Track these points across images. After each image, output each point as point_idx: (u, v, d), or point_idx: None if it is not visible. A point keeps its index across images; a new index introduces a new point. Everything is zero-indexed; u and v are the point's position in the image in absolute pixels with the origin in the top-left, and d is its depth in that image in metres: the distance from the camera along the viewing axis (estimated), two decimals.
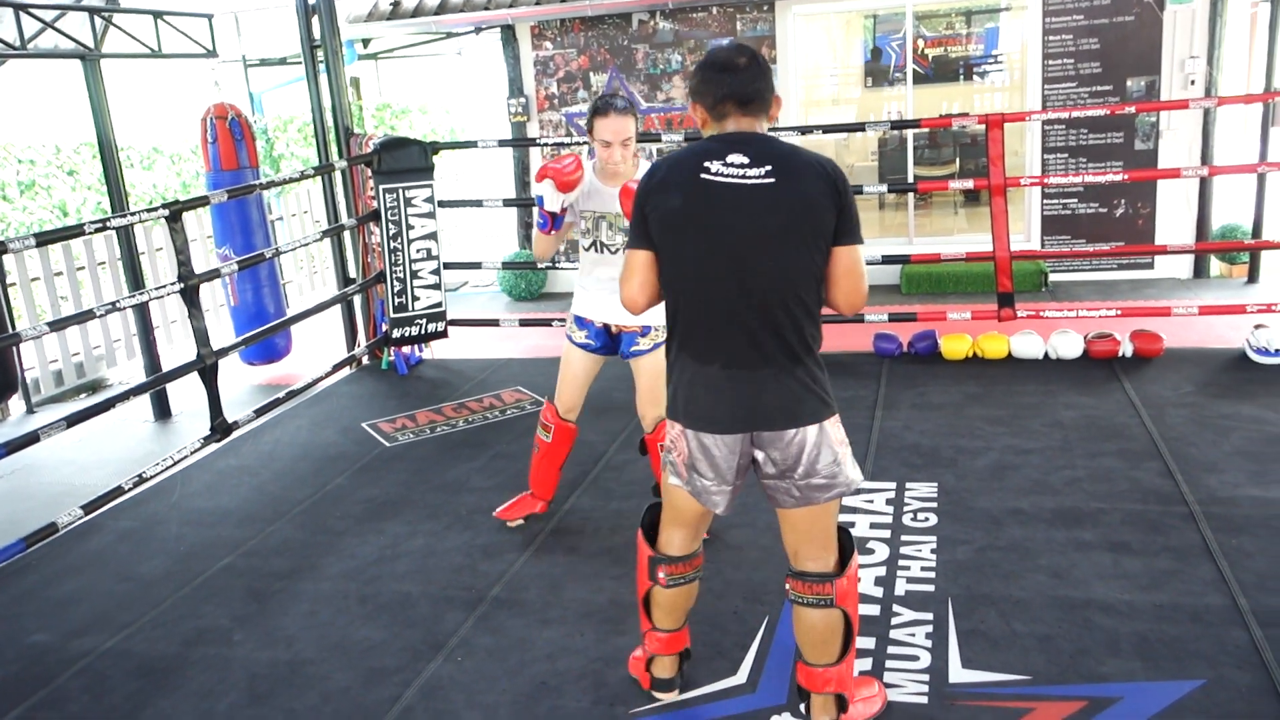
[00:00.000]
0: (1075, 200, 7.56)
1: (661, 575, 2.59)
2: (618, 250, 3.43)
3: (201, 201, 4.89)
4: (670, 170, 2.31)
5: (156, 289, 4.61)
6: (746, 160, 2.23)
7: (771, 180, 2.21)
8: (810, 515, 2.39)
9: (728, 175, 2.22)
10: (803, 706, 2.58)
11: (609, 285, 3.40)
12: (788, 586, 2.48)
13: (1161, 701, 2.60)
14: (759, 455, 2.35)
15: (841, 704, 2.54)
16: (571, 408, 3.69)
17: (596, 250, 3.47)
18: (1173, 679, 2.68)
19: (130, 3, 6.25)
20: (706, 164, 2.24)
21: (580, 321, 3.57)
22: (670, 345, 2.41)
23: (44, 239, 3.99)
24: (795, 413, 2.29)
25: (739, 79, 2.27)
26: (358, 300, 6.41)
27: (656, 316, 3.20)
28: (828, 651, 2.48)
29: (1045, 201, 7.60)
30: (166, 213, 4.51)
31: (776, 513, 2.46)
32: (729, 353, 2.29)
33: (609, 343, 3.56)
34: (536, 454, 3.77)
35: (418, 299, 6.04)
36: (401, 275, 5.96)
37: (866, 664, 2.83)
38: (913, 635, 2.94)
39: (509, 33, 8.22)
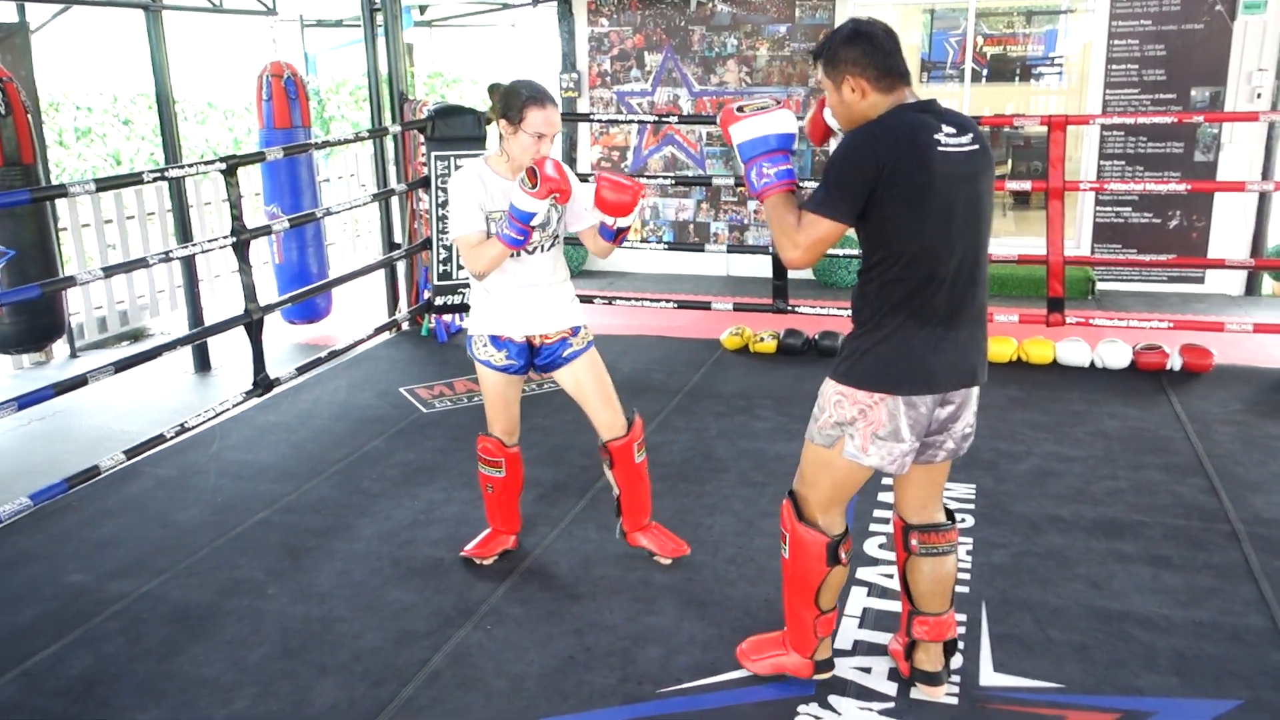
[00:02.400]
0: (1129, 209, 7.44)
1: (844, 555, 2.56)
2: (536, 249, 3.10)
3: (258, 157, 4.91)
4: (905, 141, 2.25)
5: (209, 242, 4.64)
6: (955, 130, 2.31)
7: (976, 147, 2.34)
8: (945, 468, 2.60)
9: (953, 146, 2.29)
10: (909, 665, 2.70)
11: (529, 292, 3.12)
12: (915, 542, 2.61)
13: (1196, 719, 2.56)
14: (940, 411, 2.45)
15: (950, 649, 2.69)
16: (512, 431, 3.32)
17: (514, 256, 3.06)
18: (1209, 697, 2.64)
19: None
20: (935, 135, 2.27)
21: (497, 342, 3.15)
22: (877, 314, 2.36)
23: (104, 184, 4.03)
24: (986, 366, 2.50)
25: (896, 50, 2.35)
26: (401, 266, 6.43)
27: (580, 314, 3.22)
28: (949, 595, 2.66)
29: (1098, 209, 7.49)
30: (224, 166, 4.53)
31: (905, 477, 2.57)
32: (956, 315, 2.37)
33: (528, 360, 3.21)
34: (492, 493, 3.37)
35: (462, 267, 6.05)
36: (447, 243, 5.97)
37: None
38: (952, 673, 2.91)
39: (565, 7, 8.19)
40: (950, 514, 2.68)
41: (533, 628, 3.02)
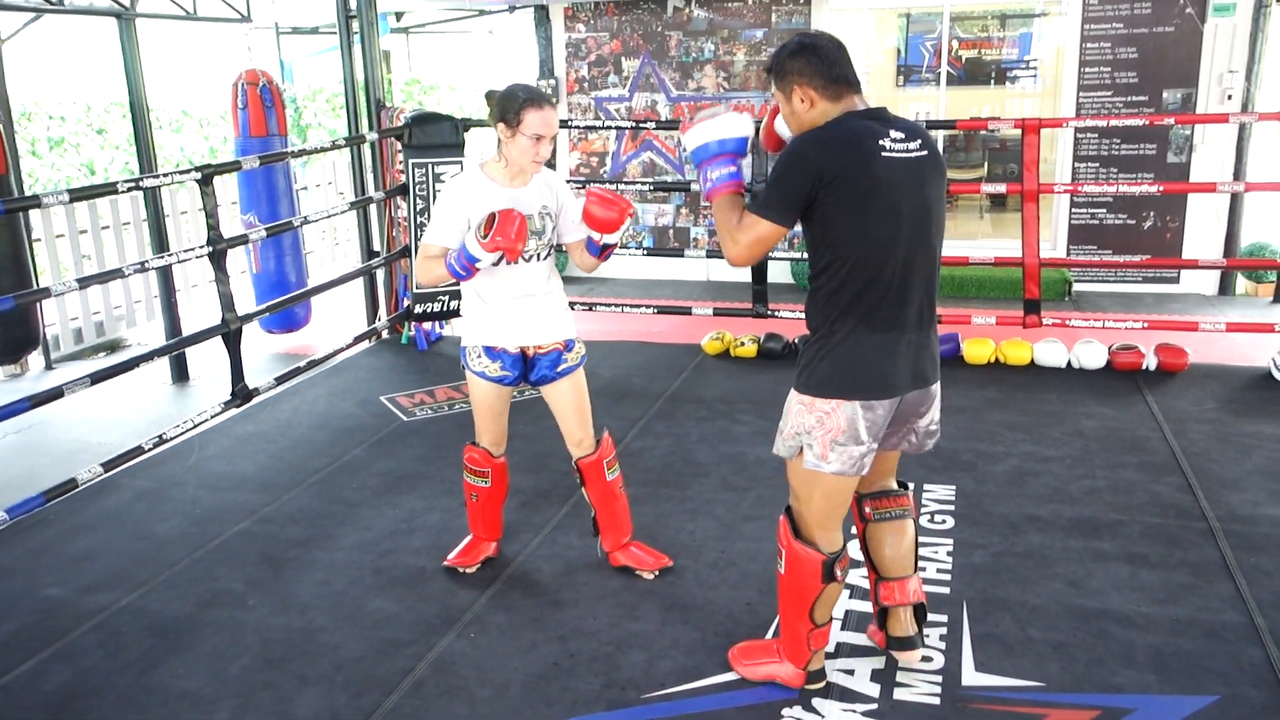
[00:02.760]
0: (1104, 210, 7.51)
1: (839, 573, 2.58)
2: (532, 257, 3.07)
3: (234, 166, 4.89)
4: (847, 148, 2.30)
5: (185, 251, 4.61)
6: (903, 135, 2.36)
7: (925, 153, 2.39)
8: (896, 454, 2.71)
9: (898, 150, 2.33)
10: (883, 634, 2.79)
11: (524, 302, 3.10)
12: (869, 510, 2.72)
13: (1175, 715, 2.59)
14: (899, 409, 2.51)
15: (920, 612, 2.78)
16: (500, 442, 3.30)
17: (508, 264, 3.02)
18: (1187, 693, 2.67)
19: None
20: (880, 141, 2.32)
21: (491, 353, 3.13)
22: (828, 320, 2.41)
23: (78, 195, 4.00)
24: (938, 367, 2.57)
25: (843, 60, 2.40)
26: (380, 274, 6.41)
27: (573, 325, 3.23)
28: (911, 559, 2.75)
29: (1073, 211, 7.56)
30: (199, 175, 4.51)
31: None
32: (905, 318, 2.42)
33: (521, 371, 3.19)
34: (476, 501, 3.35)
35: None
36: None
37: (879, 662, 2.82)
38: (927, 636, 2.93)
39: (542, 13, 8.19)
40: (901, 483, 2.79)
41: (516, 635, 3.02)
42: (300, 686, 2.80)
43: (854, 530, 2.83)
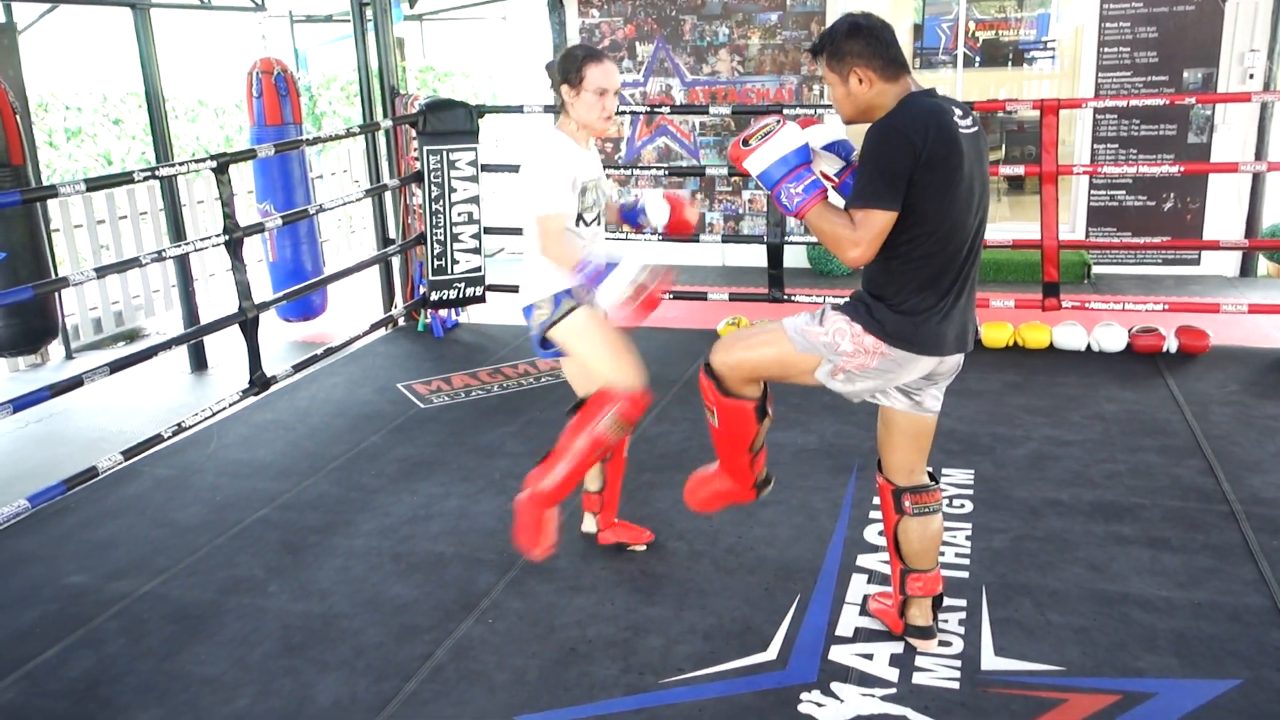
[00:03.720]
0: (1123, 192, 7.44)
1: (769, 409, 2.69)
2: (595, 218, 3.09)
3: (249, 154, 4.90)
4: (936, 127, 2.33)
5: (201, 240, 4.63)
6: (960, 113, 2.41)
7: (977, 129, 2.45)
8: (929, 429, 2.71)
9: (965, 128, 2.39)
10: (902, 622, 2.81)
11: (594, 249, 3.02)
12: (908, 504, 2.70)
13: (1197, 699, 2.57)
14: (935, 372, 2.58)
15: (938, 603, 2.80)
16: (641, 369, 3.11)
17: (586, 224, 3.05)
18: (1209, 677, 2.65)
19: None
20: (953, 118, 2.37)
21: (571, 295, 3.02)
22: (904, 290, 2.45)
23: (94, 184, 4.01)
24: (974, 334, 2.64)
25: (895, 41, 2.44)
26: (396, 261, 6.42)
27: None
28: (936, 551, 2.76)
29: (1093, 192, 7.49)
30: (214, 164, 4.52)
31: (890, 435, 2.70)
32: (964, 286, 2.49)
33: None
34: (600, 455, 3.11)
35: (457, 262, 6.04)
36: (442, 238, 5.96)
37: (898, 646, 2.81)
38: (945, 621, 2.92)
39: None
40: (933, 475, 2.80)
41: (534, 620, 3.02)
42: (321, 672, 2.81)
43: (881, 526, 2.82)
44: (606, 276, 2.75)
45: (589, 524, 3.46)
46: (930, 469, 2.78)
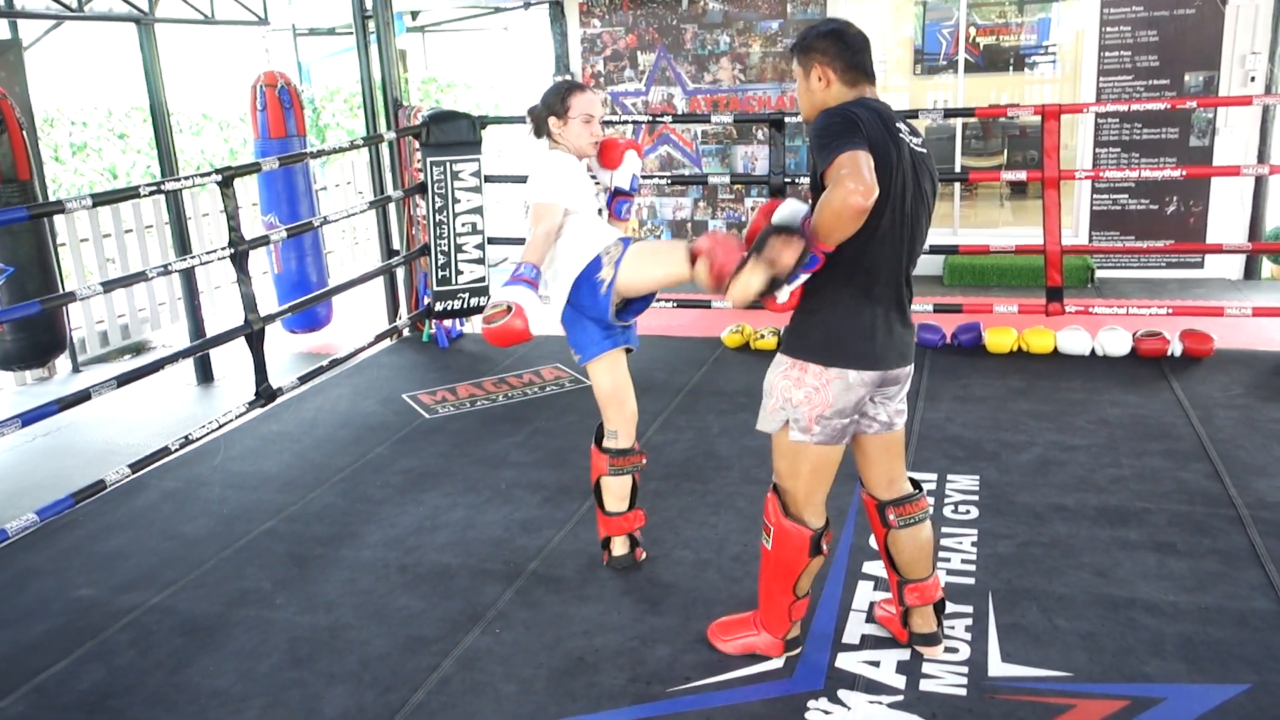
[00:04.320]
0: (1126, 196, 7.44)
1: (824, 546, 2.67)
2: (601, 209, 3.32)
3: (254, 168, 4.92)
4: (879, 124, 2.35)
5: (207, 253, 4.65)
6: (908, 130, 2.45)
7: (924, 150, 2.49)
8: (897, 439, 2.69)
9: (909, 140, 2.43)
10: (906, 631, 2.80)
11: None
12: (893, 516, 2.70)
13: (1205, 704, 2.57)
14: (880, 389, 2.56)
15: (940, 606, 2.78)
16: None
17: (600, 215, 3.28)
18: (1217, 682, 2.64)
19: None
20: (898, 125, 2.41)
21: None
22: (827, 287, 2.42)
23: (100, 200, 4.03)
24: (913, 351, 2.62)
25: (865, 50, 2.48)
26: (400, 272, 6.44)
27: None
28: (931, 559, 2.76)
29: (1095, 196, 7.49)
30: (219, 178, 4.54)
31: (863, 453, 2.69)
32: (894, 298, 2.49)
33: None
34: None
35: (461, 273, 6.06)
36: (446, 249, 5.98)
37: (904, 654, 2.81)
38: (952, 627, 2.92)
39: (557, 9, 8.19)
40: (915, 483, 2.78)
41: (540, 630, 3.03)
42: (328, 684, 2.82)
43: (872, 537, 2.82)
44: (506, 284, 2.91)
45: (619, 548, 3.37)
46: (912, 476, 2.80)
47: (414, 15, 10.24)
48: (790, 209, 2.39)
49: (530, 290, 2.88)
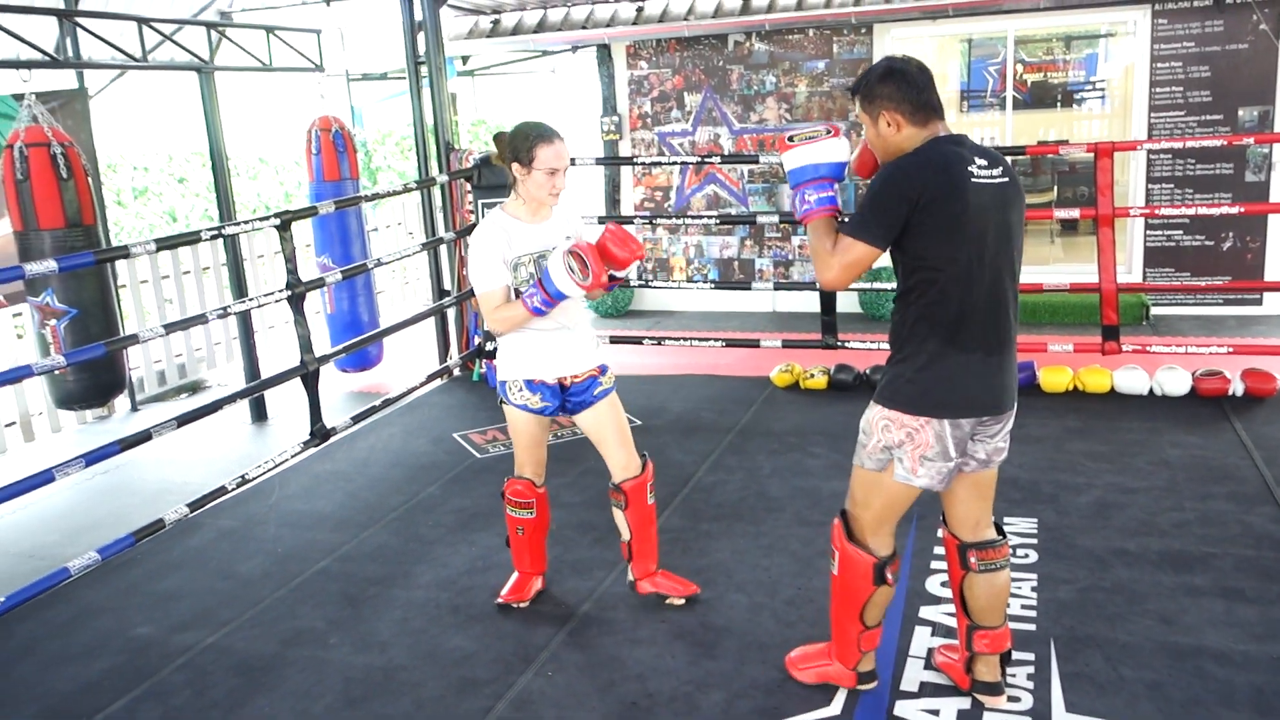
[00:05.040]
0: (1180, 232, 7.33)
1: (890, 576, 2.65)
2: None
3: (311, 211, 5.02)
4: (942, 172, 2.37)
5: (265, 295, 4.74)
6: (986, 162, 2.42)
7: (1006, 179, 2.45)
8: (991, 480, 2.65)
9: (984, 177, 2.40)
10: (969, 678, 2.76)
11: (557, 334, 3.17)
12: (974, 560, 2.65)
13: None
14: (978, 429, 2.53)
15: (1006, 658, 2.75)
16: (541, 472, 3.37)
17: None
18: None
19: (244, 18, 6.48)
20: (969, 168, 2.39)
21: (531, 385, 3.18)
22: (915, 339, 2.46)
23: (164, 244, 4.13)
24: (1015, 391, 2.57)
25: (930, 86, 2.47)
26: (451, 312, 6.51)
27: (599, 354, 3.29)
28: (1004, 609, 2.71)
29: (1149, 233, 7.39)
30: (278, 221, 4.64)
31: (953, 490, 2.62)
32: (989, 340, 2.46)
33: (560, 401, 3.24)
34: (522, 535, 3.39)
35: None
36: None
37: (965, 702, 2.76)
38: (1014, 675, 2.86)
39: (604, 52, 8.30)
40: (1000, 529, 2.74)
41: (594, 673, 3.01)
42: None
43: (945, 575, 2.78)
44: (550, 280, 2.94)
45: (630, 573, 3.44)
46: (996, 521, 2.74)
47: (464, 60, 10.42)
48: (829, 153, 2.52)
49: (550, 267, 2.97)
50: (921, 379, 2.45)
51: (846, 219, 2.51)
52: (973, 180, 2.37)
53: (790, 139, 2.56)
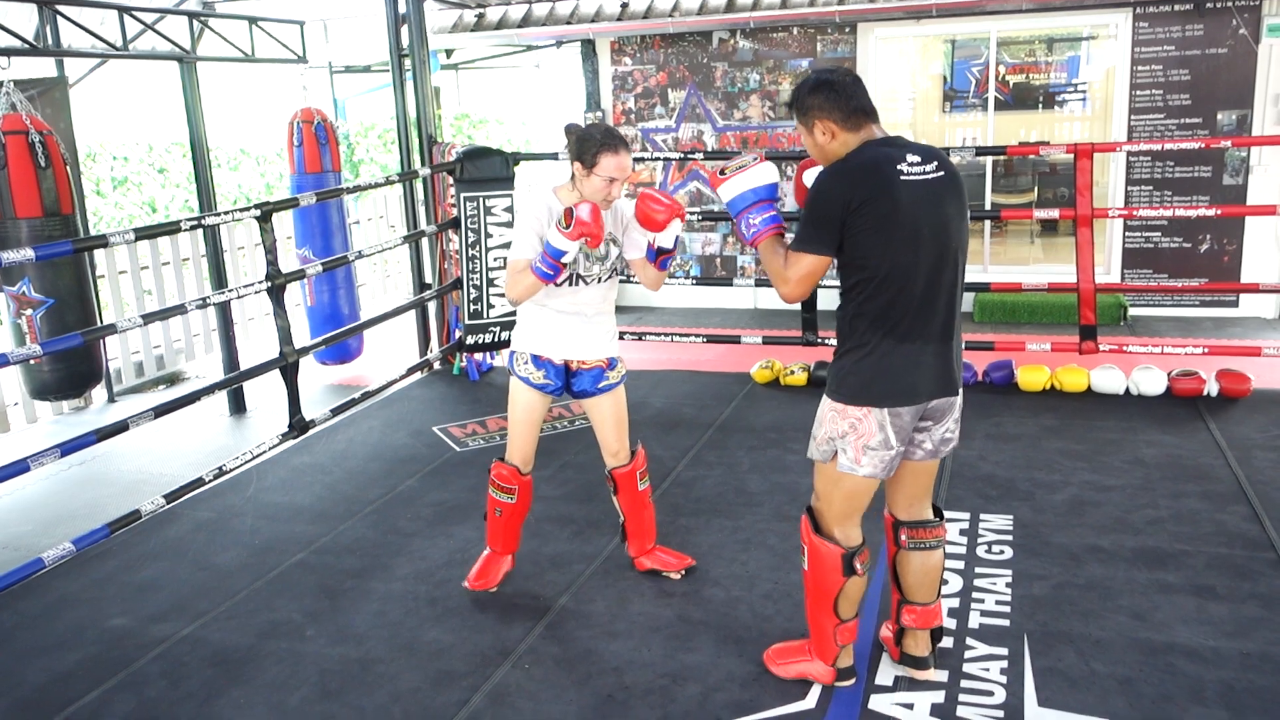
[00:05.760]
0: (1158, 234, 7.40)
1: (859, 566, 2.70)
2: (592, 281, 3.21)
3: (291, 203, 4.99)
4: (869, 175, 2.44)
5: (244, 287, 4.71)
6: (919, 159, 2.48)
7: (942, 173, 2.51)
8: (930, 468, 2.74)
9: (915, 174, 2.46)
10: (898, 650, 2.87)
11: (573, 318, 3.24)
12: (904, 537, 2.77)
13: None
14: (923, 420, 2.62)
15: (936, 636, 2.85)
16: (529, 460, 3.39)
17: (570, 283, 3.19)
18: None
19: (226, 8, 6.44)
20: (898, 166, 2.45)
21: (537, 361, 3.26)
22: (856, 333, 2.54)
23: (143, 234, 4.11)
24: (960, 377, 2.65)
25: (860, 92, 2.54)
26: (432, 306, 6.49)
27: (617, 347, 3.36)
28: (936, 587, 2.82)
29: (1128, 234, 7.45)
30: (258, 213, 4.61)
31: (894, 476, 2.72)
32: (930, 330, 2.53)
33: (564, 383, 3.30)
34: (500, 517, 3.42)
35: (492, 306, 6.10)
36: (478, 283, 6.03)
37: (939, 696, 2.78)
38: (987, 670, 2.89)
39: (589, 47, 8.30)
40: (938, 511, 2.84)
41: (571, 667, 3.01)
42: (358, 718, 2.82)
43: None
44: (547, 240, 2.98)
45: (628, 550, 3.59)
46: (937, 504, 2.84)
47: (448, 53, 10.39)
48: (757, 179, 2.62)
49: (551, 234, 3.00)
50: (862, 370, 2.54)
51: (792, 235, 2.58)
52: (901, 178, 2.44)
53: (722, 173, 2.66)
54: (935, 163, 2.51)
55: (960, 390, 2.66)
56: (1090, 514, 3.90)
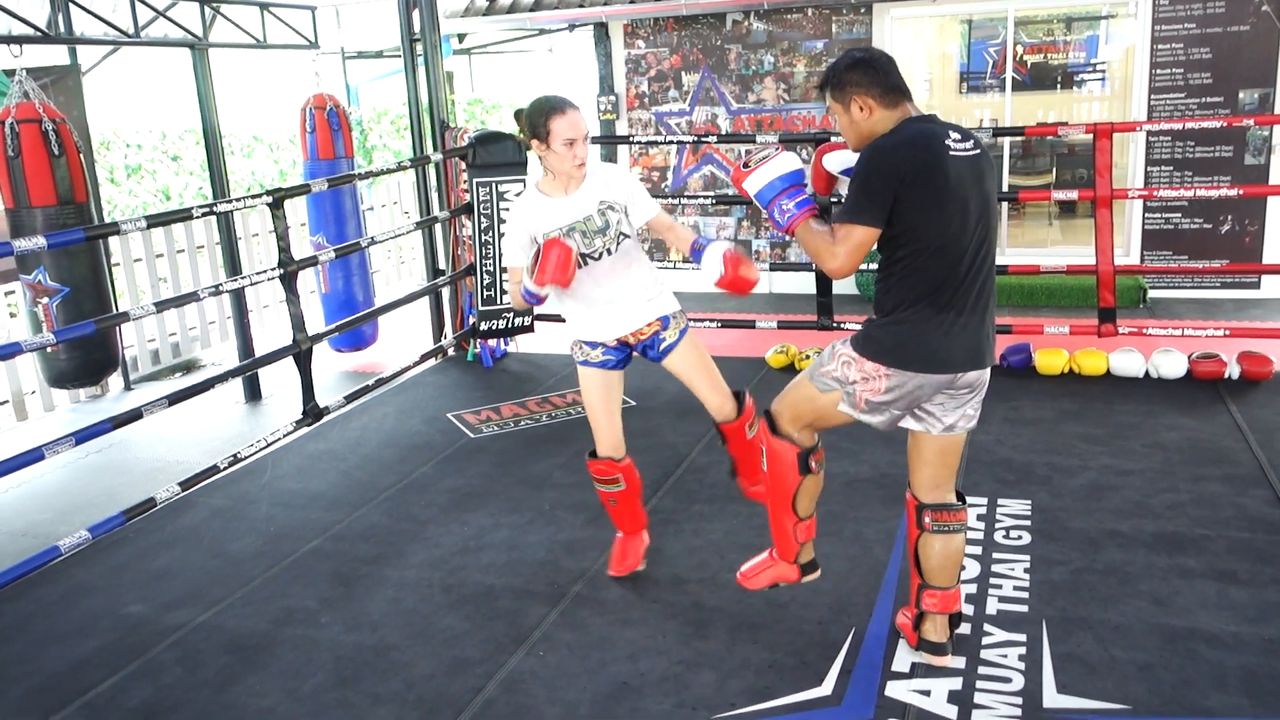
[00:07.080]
0: (1179, 215, 7.31)
1: (814, 464, 2.79)
2: (601, 255, 3.12)
3: (303, 189, 4.98)
4: (921, 148, 2.46)
5: (258, 274, 4.71)
6: (959, 136, 2.52)
7: (978, 152, 2.55)
8: (956, 446, 2.76)
9: (960, 150, 2.50)
10: (916, 636, 2.85)
11: (601, 302, 3.17)
12: (928, 520, 2.76)
13: None
14: (947, 390, 2.63)
15: (955, 621, 2.85)
16: (618, 446, 3.28)
17: (580, 265, 3.09)
18: None
19: None
20: (946, 142, 2.48)
21: (591, 343, 3.24)
22: (900, 305, 2.55)
23: (155, 221, 4.10)
24: (992, 353, 2.67)
25: (895, 71, 2.57)
26: (446, 292, 6.48)
27: (670, 301, 3.28)
28: (956, 572, 2.81)
29: (1147, 215, 7.37)
30: (270, 199, 4.60)
31: (918, 452, 2.77)
32: (967, 302, 2.55)
33: (627, 353, 3.27)
34: (616, 506, 3.36)
35: (505, 292, 6.08)
36: (491, 269, 6.01)
37: (957, 683, 2.76)
38: (1005, 656, 2.86)
39: (602, 30, 8.25)
40: (960, 495, 2.85)
41: (585, 653, 3.01)
42: (373, 704, 2.82)
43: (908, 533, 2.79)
44: (525, 286, 3.02)
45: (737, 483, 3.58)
46: (959, 489, 2.84)
47: (460, 38, 10.36)
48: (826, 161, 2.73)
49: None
50: (897, 334, 2.56)
51: (837, 209, 2.58)
52: (950, 153, 2.47)
53: (745, 165, 2.65)
54: (971, 141, 2.54)
55: (990, 366, 2.67)
56: (1109, 498, 3.86)
